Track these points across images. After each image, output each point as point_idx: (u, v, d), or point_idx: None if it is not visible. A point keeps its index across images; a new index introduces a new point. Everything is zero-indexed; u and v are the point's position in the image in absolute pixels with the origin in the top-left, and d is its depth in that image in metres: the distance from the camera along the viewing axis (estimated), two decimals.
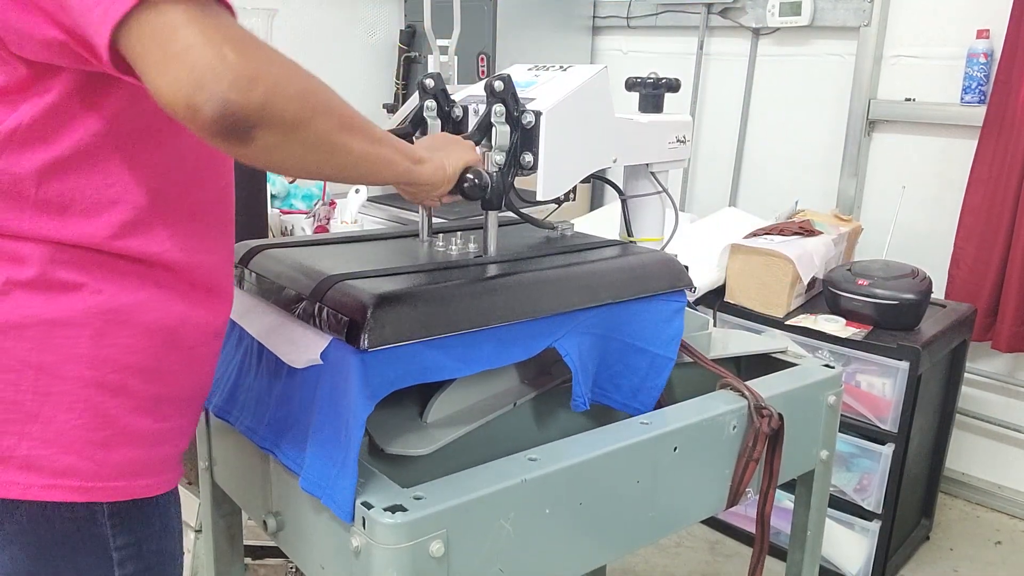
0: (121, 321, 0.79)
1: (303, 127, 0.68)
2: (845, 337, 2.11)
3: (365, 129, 0.77)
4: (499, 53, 3.08)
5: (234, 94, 0.62)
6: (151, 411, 0.83)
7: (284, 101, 0.66)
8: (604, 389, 1.12)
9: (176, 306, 0.83)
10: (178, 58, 0.61)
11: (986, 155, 2.42)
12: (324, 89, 0.73)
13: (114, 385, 0.79)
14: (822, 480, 1.26)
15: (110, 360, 0.79)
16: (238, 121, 0.63)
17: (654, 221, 1.34)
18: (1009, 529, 2.58)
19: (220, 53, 0.62)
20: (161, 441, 0.85)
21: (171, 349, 0.83)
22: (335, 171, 0.77)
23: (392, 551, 0.80)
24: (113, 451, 0.80)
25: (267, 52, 0.66)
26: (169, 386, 0.84)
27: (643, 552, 2.37)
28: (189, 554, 1.56)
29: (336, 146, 0.73)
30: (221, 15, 0.65)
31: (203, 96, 0.61)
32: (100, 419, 0.79)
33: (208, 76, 0.61)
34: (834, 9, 2.76)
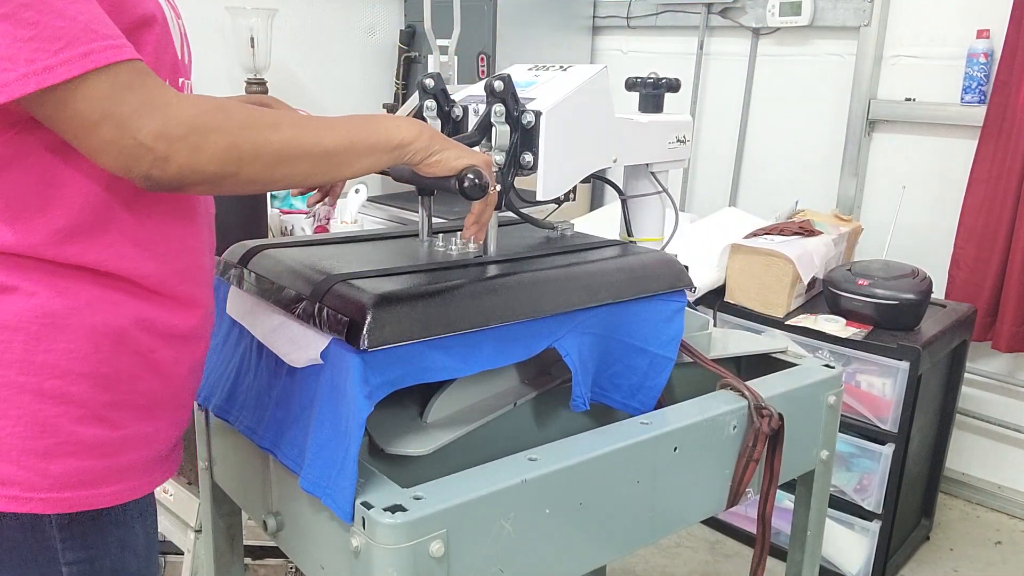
0: (59, 325, 0.76)
1: (230, 177, 0.74)
2: (845, 337, 2.11)
3: (310, 149, 0.79)
4: (499, 53, 3.08)
5: (155, 171, 0.70)
6: (102, 419, 0.79)
7: (203, 165, 0.72)
8: (604, 389, 1.12)
9: (126, 309, 0.80)
10: (102, 151, 0.69)
11: (986, 155, 2.42)
12: (251, 134, 0.75)
13: (55, 392, 0.76)
14: (822, 480, 1.26)
15: (48, 366, 0.75)
16: (165, 187, 0.72)
17: (654, 221, 1.34)
18: (1009, 529, 2.58)
19: (134, 142, 0.69)
20: (117, 450, 0.81)
21: (123, 354, 0.80)
22: (289, 187, 0.81)
23: (392, 551, 0.80)
24: (56, 461, 0.76)
25: (182, 115, 0.70)
26: (124, 392, 0.80)
27: (643, 552, 2.37)
28: (189, 554, 1.56)
29: (274, 180, 0.78)
30: (128, 92, 0.68)
31: (131, 174, 0.71)
32: (39, 427, 0.76)
33: (130, 162, 0.70)
34: (834, 9, 2.76)
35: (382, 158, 0.86)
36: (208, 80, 3.02)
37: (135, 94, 0.69)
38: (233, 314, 1.08)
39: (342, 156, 0.82)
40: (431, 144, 0.89)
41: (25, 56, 0.65)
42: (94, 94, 0.67)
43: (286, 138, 0.77)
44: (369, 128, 0.85)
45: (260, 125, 0.75)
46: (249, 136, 0.74)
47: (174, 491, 1.60)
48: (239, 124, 0.74)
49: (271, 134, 0.76)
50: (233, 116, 0.74)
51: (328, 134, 0.81)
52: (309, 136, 0.79)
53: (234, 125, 0.74)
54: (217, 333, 1.11)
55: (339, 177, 0.84)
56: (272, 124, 0.76)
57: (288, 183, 0.80)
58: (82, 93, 0.67)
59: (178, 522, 1.60)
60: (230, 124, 0.73)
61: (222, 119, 0.73)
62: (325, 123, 0.82)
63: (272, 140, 0.76)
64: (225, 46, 2.94)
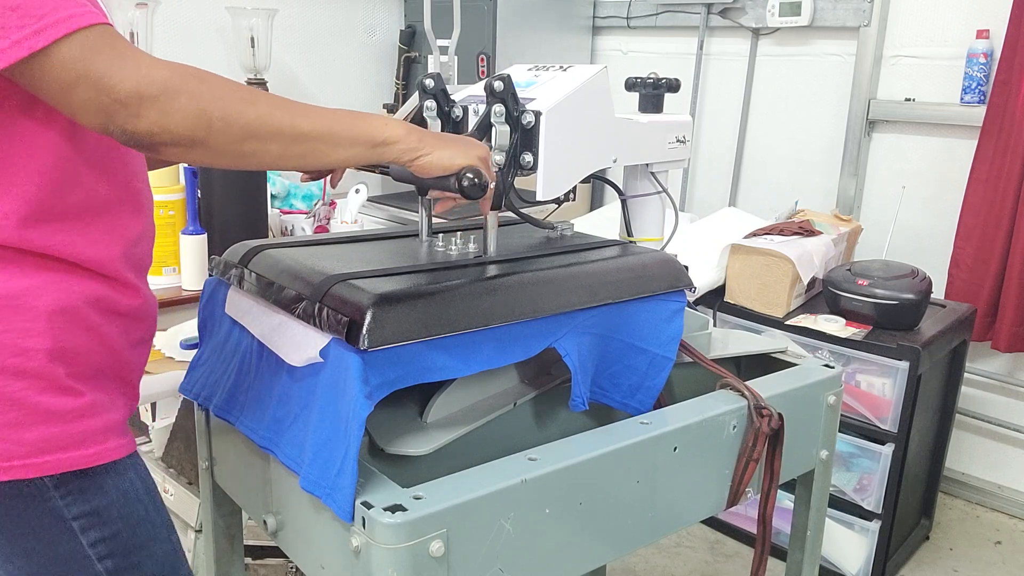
0: (15, 306, 0.81)
1: (199, 144, 0.77)
2: (845, 337, 2.11)
3: (282, 130, 0.80)
4: (499, 53, 3.08)
5: (129, 126, 0.74)
6: (64, 389, 0.85)
7: (172, 126, 0.75)
8: (603, 388, 1.12)
9: (74, 288, 0.85)
10: (79, 108, 0.74)
11: (986, 155, 2.42)
12: (223, 104, 0.77)
13: (14, 368, 0.81)
14: (822, 480, 1.26)
15: (8, 345, 0.81)
16: (141, 142, 0.75)
17: (654, 221, 1.34)
18: (1009, 529, 2.58)
19: (110, 98, 0.73)
20: (84, 415, 0.86)
21: (75, 329, 0.85)
22: (262, 167, 0.83)
23: (392, 551, 0.80)
24: (27, 430, 0.82)
25: (155, 75, 0.74)
26: (80, 364, 0.86)
27: (643, 552, 2.37)
28: (190, 553, 1.56)
29: (245, 154, 0.80)
30: (100, 54, 0.73)
31: (108, 129, 0.75)
32: (7, 402, 0.81)
33: (107, 119, 0.74)
34: (834, 9, 2.76)
35: (363, 152, 0.86)
36: None
37: (108, 55, 0.73)
38: (233, 314, 1.08)
39: (317, 143, 0.82)
40: (420, 145, 0.89)
41: (15, 23, 0.71)
42: (71, 55, 0.72)
43: (260, 113, 0.79)
44: (353, 121, 0.85)
45: (234, 97, 0.78)
46: (220, 105, 0.76)
47: (174, 491, 1.60)
48: (212, 92, 0.76)
49: (245, 107, 0.78)
50: (207, 83, 0.77)
51: (306, 119, 0.82)
52: (284, 116, 0.80)
53: (206, 92, 0.76)
54: (217, 333, 1.11)
55: (314, 164, 0.85)
56: (247, 99, 0.78)
57: (259, 161, 0.81)
58: (61, 55, 0.72)
59: (178, 522, 1.60)
60: (202, 90, 0.76)
61: (195, 84, 0.76)
62: (307, 109, 0.83)
63: (245, 112, 0.78)
64: (225, 46, 2.94)
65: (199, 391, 1.12)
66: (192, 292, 2.02)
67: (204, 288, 1.15)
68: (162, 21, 2.69)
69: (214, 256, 1.14)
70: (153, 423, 1.65)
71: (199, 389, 1.12)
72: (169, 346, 1.61)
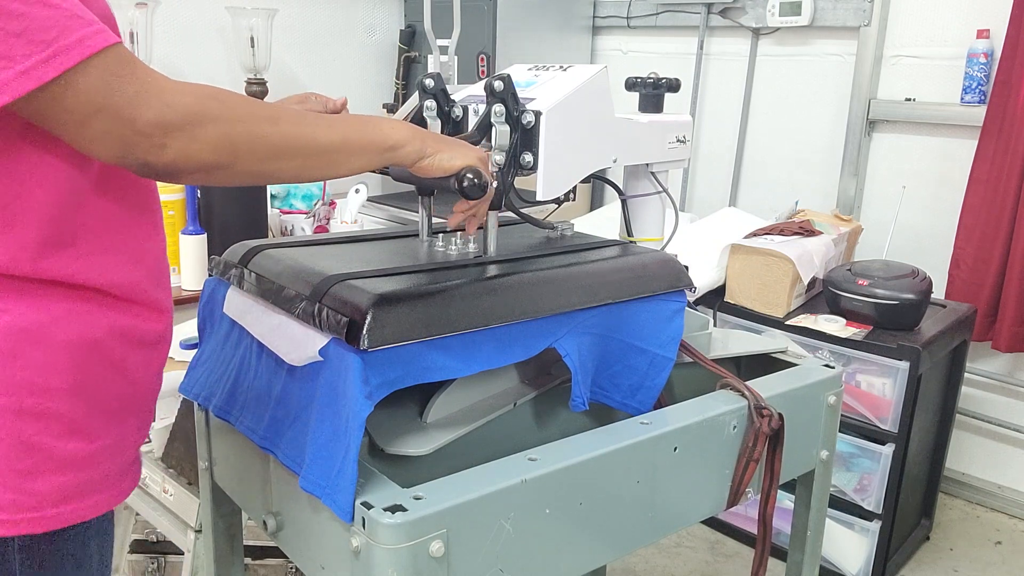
0: (34, 340, 0.74)
1: (224, 168, 0.74)
2: (845, 337, 2.11)
3: (304, 145, 0.79)
4: (499, 53, 3.08)
5: (151, 158, 0.69)
6: (80, 431, 0.78)
7: (198, 154, 0.71)
8: (603, 388, 1.12)
9: (98, 319, 0.79)
10: (94, 141, 0.68)
11: (986, 155, 2.42)
12: (248, 127, 0.74)
13: (35, 410, 0.75)
14: (822, 480, 1.26)
15: (27, 383, 0.74)
16: (160, 172, 0.71)
17: (654, 221, 1.34)
18: (1009, 529, 2.58)
19: (132, 130, 0.68)
20: (94, 462, 0.80)
21: (97, 363, 0.79)
22: (279, 183, 0.81)
23: (392, 551, 0.80)
24: (41, 479, 0.76)
25: (179, 103, 0.70)
26: (98, 400, 0.80)
27: (643, 552, 2.37)
28: (189, 554, 1.56)
29: (267, 173, 0.78)
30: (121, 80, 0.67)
31: (126, 161, 0.70)
32: (23, 447, 0.74)
33: (126, 150, 0.69)
34: (834, 9, 2.76)
35: (374, 159, 0.86)
36: (208, 80, 3.02)
37: (127, 82, 0.67)
38: (231, 314, 1.08)
39: (335, 154, 0.82)
40: (423, 148, 0.89)
41: (20, 51, 0.63)
42: (88, 85, 0.66)
43: (282, 132, 0.77)
44: (364, 128, 0.85)
45: (257, 118, 0.75)
46: (245, 128, 0.74)
47: (174, 491, 1.60)
48: (236, 115, 0.73)
49: (268, 127, 0.76)
50: (230, 106, 0.73)
51: (324, 132, 0.81)
52: (305, 132, 0.79)
53: (231, 116, 0.73)
54: (217, 333, 1.11)
55: (331, 175, 0.84)
56: (269, 117, 0.76)
57: (281, 178, 0.79)
58: (76, 85, 0.65)
59: (178, 522, 1.60)
60: (227, 114, 0.73)
61: (219, 109, 0.72)
62: (322, 120, 0.82)
63: (269, 133, 0.75)
64: (225, 46, 2.94)
65: (199, 391, 1.12)
66: (192, 292, 2.03)
67: (204, 288, 1.15)
68: (162, 21, 2.69)
69: (214, 256, 1.14)
70: (153, 423, 1.65)
71: (199, 389, 1.12)
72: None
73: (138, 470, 0.91)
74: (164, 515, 1.62)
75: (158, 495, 1.64)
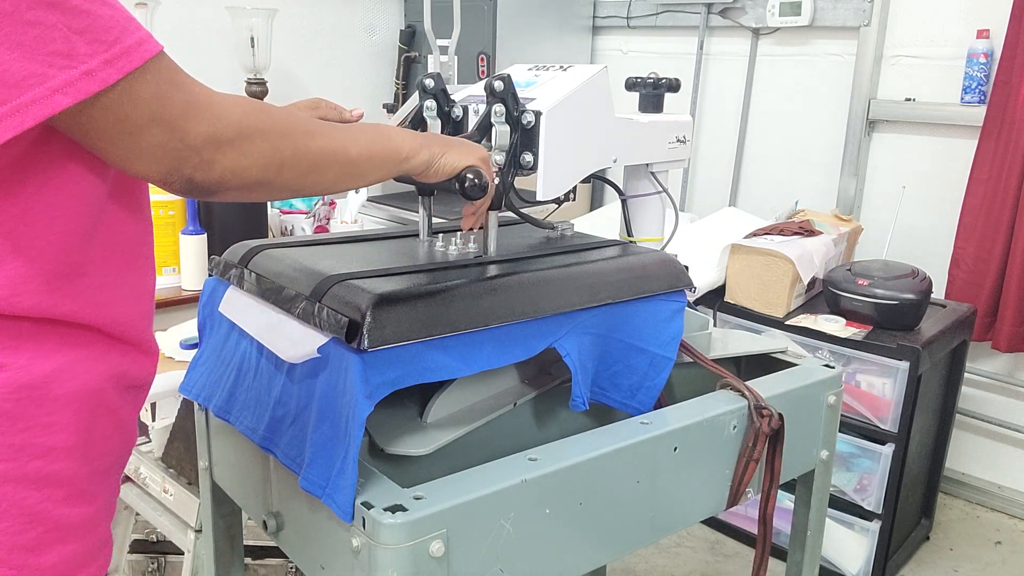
0: (37, 397, 0.68)
1: (266, 184, 0.72)
2: (845, 337, 2.11)
3: (339, 158, 0.78)
4: (499, 53, 3.08)
5: (198, 175, 0.66)
6: (83, 494, 0.73)
7: (246, 170, 0.69)
8: (603, 388, 1.12)
9: (99, 364, 0.74)
10: (144, 155, 0.64)
11: (986, 155, 2.42)
12: (291, 140, 0.72)
13: (38, 475, 0.68)
14: (822, 480, 1.26)
15: (29, 446, 0.67)
16: (204, 192, 0.68)
17: (654, 221, 1.34)
18: (1009, 529, 2.58)
19: (183, 144, 0.65)
20: (94, 526, 0.75)
21: (98, 416, 0.74)
22: (309, 195, 0.80)
23: (392, 551, 0.80)
24: (45, 552, 0.69)
25: (230, 117, 0.67)
26: (95, 457, 0.74)
27: (643, 552, 2.37)
28: (189, 554, 1.56)
29: (304, 187, 0.77)
30: (174, 90, 0.64)
31: (171, 179, 0.66)
32: (27, 519, 0.68)
33: (175, 165, 0.65)
34: (834, 9, 2.76)
35: (392, 169, 0.86)
36: (208, 80, 3.02)
37: (180, 92, 0.64)
38: (227, 313, 1.08)
39: (363, 166, 0.82)
40: (431, 156, 0.90)
41: (84, 49, 0.59)
42: (146, 92, 0.62)
43: (320, 146, 0.76)
44: (382, 139, 0.84)
45: (298, 131, 0.74)
46: (290, 142, 0.72)
47: (174, 491, 1.60)
48: (281, 129, 0.72)
49: (308, 141, 0.74)
50: (275, 120, 0.71)
51: (353, 144, 0.80)
52: (339, 145, 0.78)
53: (277, 129, 0.71)
54: (217, 333, 1.11)
55: (356, 186, 0.84)
56: (308, 131, 0.75)
57: (313, 191, 0.78)
58: (134, 91, 0.61)
59: (178, 522, 1.60)
60: (274, 128, 0.71)
61: (267, 122, 0.70)
62: (348, 132, 0.81)
63: (310, 147, 0.74)
64: (225, 46, 2.94)
65: (199, 391, 1.12)
66: (192, 292, 2.03)
67: (204, 288, 1.15)
68: (162, 21, 2.69)
69: (214, 256, 1.14)
70: (153, 423, 1.65)
71: (199, 389, 1.12)
72: (169, 346, 1.61)
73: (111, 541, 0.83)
74: (164, 515, 1.63)
75: (158, 495, 1.64)
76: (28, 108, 0.58)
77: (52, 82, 0.58)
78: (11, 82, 0.58)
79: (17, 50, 0.58)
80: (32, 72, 0.58)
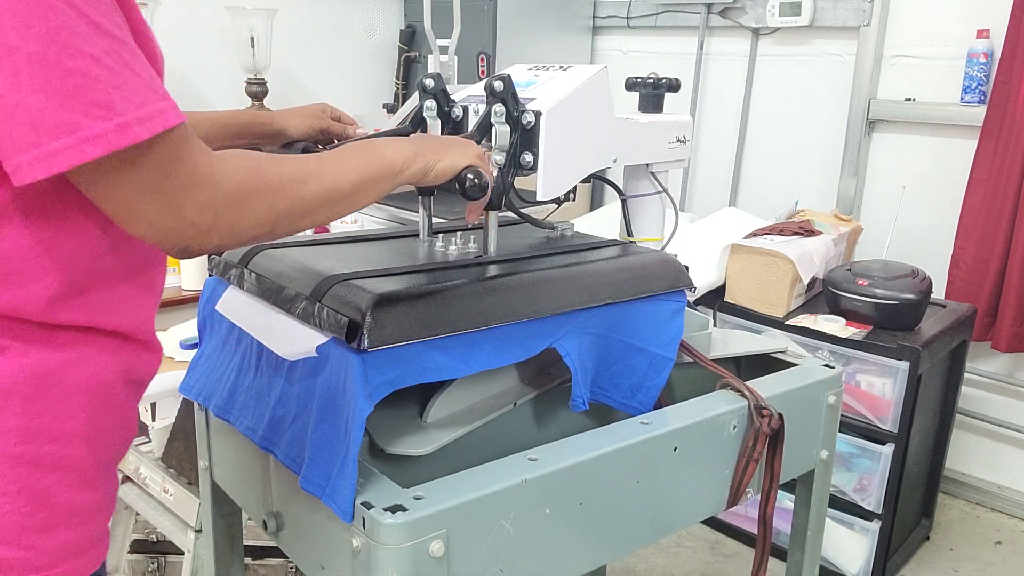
0: (52, 385, 0.72)
1: (263, 237, 0.74)
2: (845, 337, 2.11)
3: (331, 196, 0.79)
4: (499, 53, 3.08)
5: (194, 244, 0.68)
6: (89, 481, 0.76)
7: (244, 231, 0.71)
8: (603, 388, 1.12)
9: (108, 361, 0.78)
10: (142, 221, 0.66)
11: (986, 155, 2.42)
12: (286, 195, 0.73)
13: (50, 459, 0.72)
14: (822, 480, 1.26)
15: (44, 430, 0.72)
16: (196, 255, 0.71)
17: (654, 221, 1.34)
18: (1009, 529, 2.58)
19: (179, 217, 0.66)
20: (97, 512, 0.78)
21: (106, 408, 0.78)
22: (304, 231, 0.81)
23: (392, 551, 0.80)
24: (52, 534, 0.73)
25: (227, 185, 0.68)
26: (101, 447, 0.78)
27: (643, 552, 2.37)
28: (189, 554, 1.56)
29: (297, 230, 0.78)
30: (179, 162, 0.65)
31: (166, 245, 0.68)
32: (37, 500, 0.72)
33: (170, 235, 0.67)
34: (834, 9, 2.76)
35: (387, 186, 0.86)
36: (208, 80, 3.03)
37: (184, 165, 0.66)
38: (224, 312, 1.08)
39: (355, 195, 0.82)
40: (426, 163, 0.90)
41: (119, 104, 0.61)
42: (153, 161, 0.64)
43: (313, 191, 0.76)
44: (371, 160, 0.84)
45: (291, 182, 0.74)
46: (284, 197, 0.73)
47: (174, 491, 1.60)
48: (275, 186, 0.72)
49: (301, 190, 0.75)
50: (269, 178, 0.72)
51: (343, 176, 0.80)
52: (330, 183, 0.78)
53: (271, 187, 0.72)
54: (217, 333, 1.11)
55: (351, 212, 0.84)
56: (300, 179, 0.75)
57: (305, 228, 0.79)
58: (144, 158, 0.63)
59: (178, 522, 1.60)
60: (268, 187, 0.72)
61: (260, 183, 0.71)
62: (337, 164, 0.81)
63: (303, 196, 0.75)
64: (225, 46, 2.94)
65: (199, 391, 1.12)
66: (192, 292, 2.03)
67: (204, 288, 1.15)
68: (162, 21, 2.69)
69: (214, 256, 1.14)
70: (153, 423, 1.65)
71: (199, 389, 1.12)
72: (169, 346, 1.61)
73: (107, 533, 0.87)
74: (164, 515, 1.63)
75: (158, 495, 1.64)
76: (57, 155, 0.60)
77: (84, 132, 0.60)
78: (43, 127, 0.60)
79: (56, 97, 0.60)
80: (66, 120, 0.60)
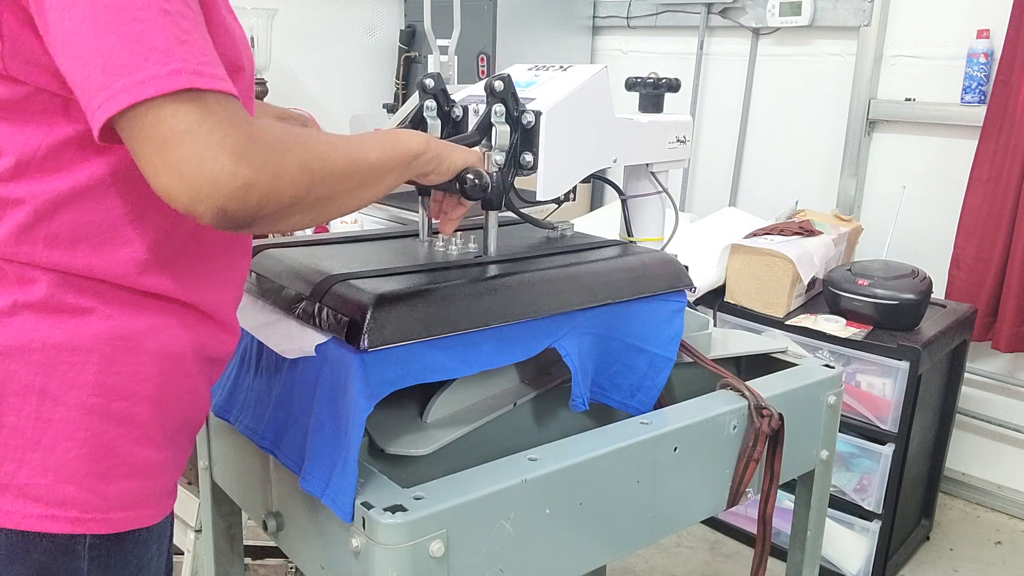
0: (130, 347, 0.77)
1: (298, 204, 0.71)
2: (845, 337, 2.11)
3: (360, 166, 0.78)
4: (499, 53, 3.08)
5: (232, 203, 0.65)
6: (153, 441, 0.81)
7: (282, 191, 0.68)
8: (603, 388, 1.12)
9: (183, 334, 0.82)
10: (176, 168, 0.63)
11: (986, 155, 2.42)
12: (317, 153, 0.72)
13: (119, 414, 0.77)
14: (822, 480, 1.26)
15: (118, 388, 0.77)
16: (233, 222, 0.67)
17: (654, 221, 1.34)
18: (1009, 529, 2.58)
19: (218, 165, 0.64)
20: (160, 472, 0.83)
21: (175, 377, 0.82)
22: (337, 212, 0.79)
23: (392, 551, 0.80)
24: (113, 483, 0.78)
25: (267, 144, 0.67)
26: (169, 415, 0.82)
27: (643, 552, 2.37)
28: (189, 554, 1.56)
29: (332, 199, 0.76)
30: (220, 114, 0.65)
31: (201, 206, 0.64)
32: (102, 449, 0.77)
33: (206, 189, 0.64)
34: (834, 9, 2.76)
35: (404, 172, 0.86)
36: None
37: (224, 109, 0.66)
38: None
39: (380, 171, 0.81)
40: (439, 155, 0.90)
41: (179, 54, 0.64)
42: (199, 107, 0.64)
43: (343, 157, 0.76)
44: (392, 142, 0.84)
45: (322, 145, 0.74)
46: (317, 156, 0.72)
47: None
48: (307, 145, 0.72)
49: (333, 153, 0.75)
50: (301, 139, 0.72)
51: (370, 149, 0.80)
52: (359, 152, 0.78)
53: (304, 145, 0.71)
54: None
55: (376, 195, 0.83)
56: (330, 143, 0.75)
57: (337, 204, 0.77)
58: (192, 103, 0.64)
59: (178, 522, 1.60)
60: (301, 145, 0.71)
61: (293, 141, 0.71)
62: (360, 139, 0.81)
63: (336, 160, 0.75)
64: None
65: None
66: None
67: None
68: None
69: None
70: None
71: None
72: None
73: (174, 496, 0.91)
74: None
75: None
76: (119, 95, 0.62)
77: (142, 74, 0.62)
78: (112, 68, 0.63)
79: (123, 40, 0.63)
80: (127, 62, 0.63)
